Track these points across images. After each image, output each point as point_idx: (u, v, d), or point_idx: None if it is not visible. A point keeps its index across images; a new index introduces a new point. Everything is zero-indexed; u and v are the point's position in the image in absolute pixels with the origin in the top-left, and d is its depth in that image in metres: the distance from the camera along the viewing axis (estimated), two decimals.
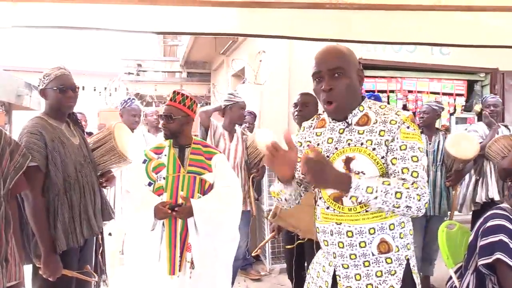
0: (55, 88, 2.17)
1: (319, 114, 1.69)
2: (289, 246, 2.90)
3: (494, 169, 3.64)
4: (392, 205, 1.35)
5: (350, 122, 1.52)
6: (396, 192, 1.34)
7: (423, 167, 1.43)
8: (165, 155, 2.40)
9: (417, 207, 1.37)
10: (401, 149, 1.42)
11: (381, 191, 1.34)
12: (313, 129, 1.66)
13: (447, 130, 3.87)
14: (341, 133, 1.53)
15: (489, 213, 2.08)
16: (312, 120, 1.70)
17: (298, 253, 2.85)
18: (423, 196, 1.38)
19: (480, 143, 3.57)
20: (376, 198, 1.34)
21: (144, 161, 2.41)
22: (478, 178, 3.69)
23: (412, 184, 1.38)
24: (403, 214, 1.43)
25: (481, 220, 2.09)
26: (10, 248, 1.77)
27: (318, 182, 1.37)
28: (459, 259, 2.33)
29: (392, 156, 1.43)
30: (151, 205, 2.25)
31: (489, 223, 1.98)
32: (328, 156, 1.51)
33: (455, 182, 3.60)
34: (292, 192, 1.60)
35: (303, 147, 1.66)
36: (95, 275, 2.32)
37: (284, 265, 4.21)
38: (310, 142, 1.63)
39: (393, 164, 1.42)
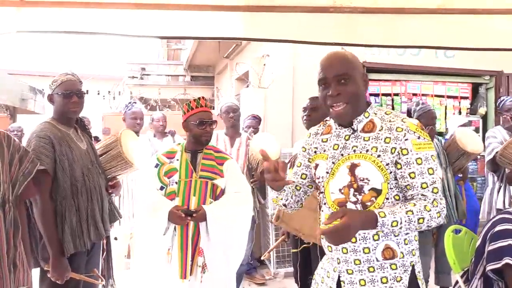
0: (60, 93, 2.20)
1: (326, 120, 1.70)
2: (294, 250, 2.89)
3: None
4: (414, 229, 1.41)
5: (356, 129, 1.53)
6: (418, 219, 1.38)
7: (439, 179, 1.45)
8: (177, 160, 2.41)
9: (436, 223, 1.42)
10: (417, 163, 1.43)
11: (405, 221, 1.36)
12: (320, 135, 1.66)
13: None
14: (347, 140, 1.53)
15: (497, 217, 2.06)
16: (319, 127, 1.71)
17: (304, 257, 2.83)
18: (443, 211, 1.43)
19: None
20: (400, 228, 1.38)
21: (156, 165, 2.42)
22: (501, 185, 3.61)
23: (433, 202, 1.41)
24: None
25: (488, 224, 2.07)
26: (19, 253, 1.78)
27: (347, 240, 1.38)
28: (465, 264, 2.31)
29: (410, 170, 1.44)
30: (164, 210, 2.27)
31: (498, 228, 1.96)
32: (333, 163, 1.52)
33: (464, 179, 3.65)
34: (288, 197, 1.67)
35: (307, 153, 1.68)
36: (102, 279, 2.34)
37: (289, 269, 4.22)
38: (317, 149, 1.64)
39: (411, 177, 1.44)
